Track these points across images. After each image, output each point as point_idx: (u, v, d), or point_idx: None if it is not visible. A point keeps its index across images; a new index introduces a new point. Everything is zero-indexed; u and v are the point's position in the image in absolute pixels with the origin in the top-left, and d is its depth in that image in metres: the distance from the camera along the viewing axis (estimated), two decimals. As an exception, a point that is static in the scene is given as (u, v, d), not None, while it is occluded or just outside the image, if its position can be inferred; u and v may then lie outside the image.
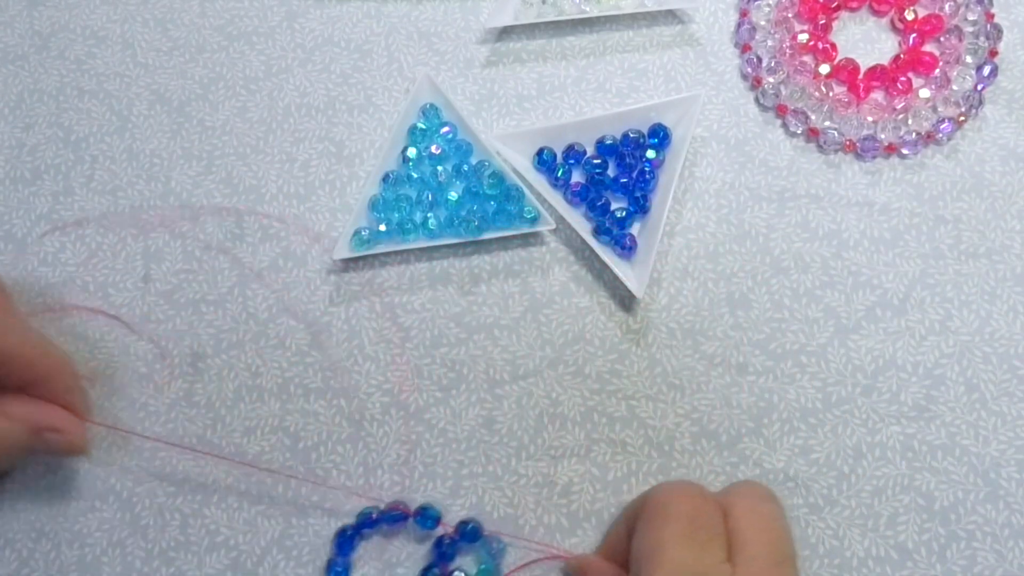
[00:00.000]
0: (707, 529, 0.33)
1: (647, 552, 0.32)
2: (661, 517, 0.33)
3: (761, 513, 0.34)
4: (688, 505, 0.33)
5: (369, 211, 0.44)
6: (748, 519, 0.33)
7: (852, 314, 0.43)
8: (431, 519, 0.39)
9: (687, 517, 0.33)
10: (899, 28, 0.48)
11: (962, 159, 0.45)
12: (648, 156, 0.45)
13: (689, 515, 0.33)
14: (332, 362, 0.43)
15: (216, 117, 0.47)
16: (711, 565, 0.32)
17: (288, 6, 0.49)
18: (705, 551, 0.32)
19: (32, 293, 0.44)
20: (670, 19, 0.49)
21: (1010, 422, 0.41)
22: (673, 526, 0.32)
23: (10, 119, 0.48)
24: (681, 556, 0.32)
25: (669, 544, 0.32)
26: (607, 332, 0.43)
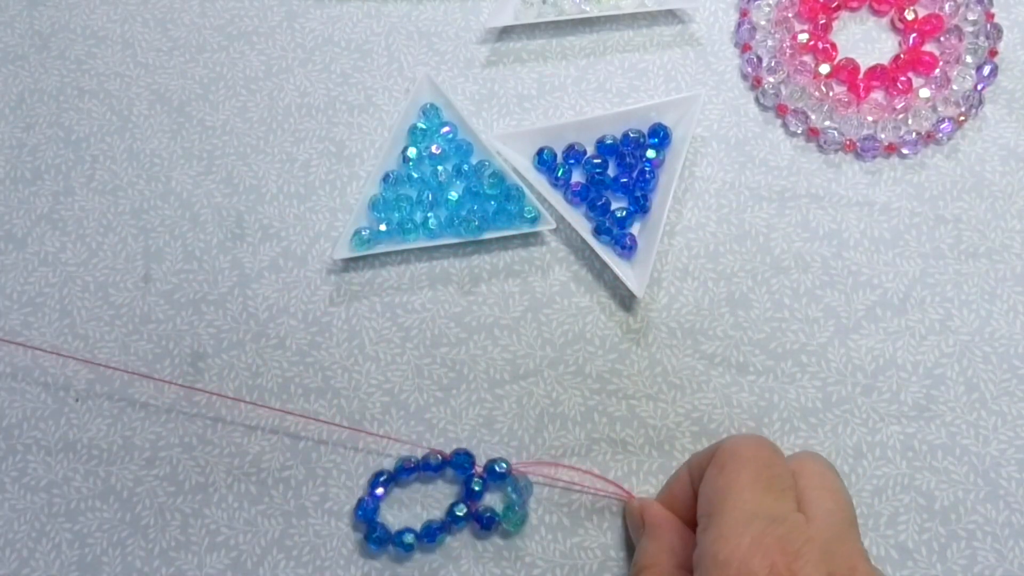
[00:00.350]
0: (781, 479, 0.33)
1: (720, 494, 0.32)
2: (735, 463, 0.33)
3: (831, 480, 0.34)
4: (762, 453, 0.33)
5: (369, 211, 0.44)
6: (818, 481, 0.33)
7: (852, 314, 0.43)
8: (466, 463, 0.40)
9: (762, 464, 0.33)
10: (899, 28, 0.48)
11: (962, 159, 0.45)
12: (648, 156, 0.45)
13: (763, 463, 0.33)
14: (332, 362, 0.43)
15: (216, 117, 0.47)
16: (787, 511, 0.31)
17: (288, 6, 0.49)
18: (780, 498, 0.32)
19: (33, 292, 0.44)
20: (670, 19, 0.49)
21: (1010, 422, 0.41)
22: (748, 472, 0.32)
23: (10, 119, 0.48)
24: (756, 500, 0.31)
25: (744, 488, 0.32)
26: (607, 332, 0.43)
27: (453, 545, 0.40)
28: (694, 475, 0.36)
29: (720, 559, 0.30)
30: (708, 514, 0.32)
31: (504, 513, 0.39)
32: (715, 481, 0.33)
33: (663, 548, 0.36)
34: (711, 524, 0.31)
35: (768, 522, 0.30)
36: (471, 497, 0.40)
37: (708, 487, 0.33)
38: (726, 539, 0.30)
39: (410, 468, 0.40)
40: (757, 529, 0.30)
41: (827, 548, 0.30)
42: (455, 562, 0.40)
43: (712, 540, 0.31)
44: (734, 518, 0.31)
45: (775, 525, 0.30)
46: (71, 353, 0.43)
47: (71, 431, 0.42)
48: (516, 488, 0.40)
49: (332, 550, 0.40)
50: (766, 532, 0.30)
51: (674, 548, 0.36)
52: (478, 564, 0.39)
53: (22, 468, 0.42)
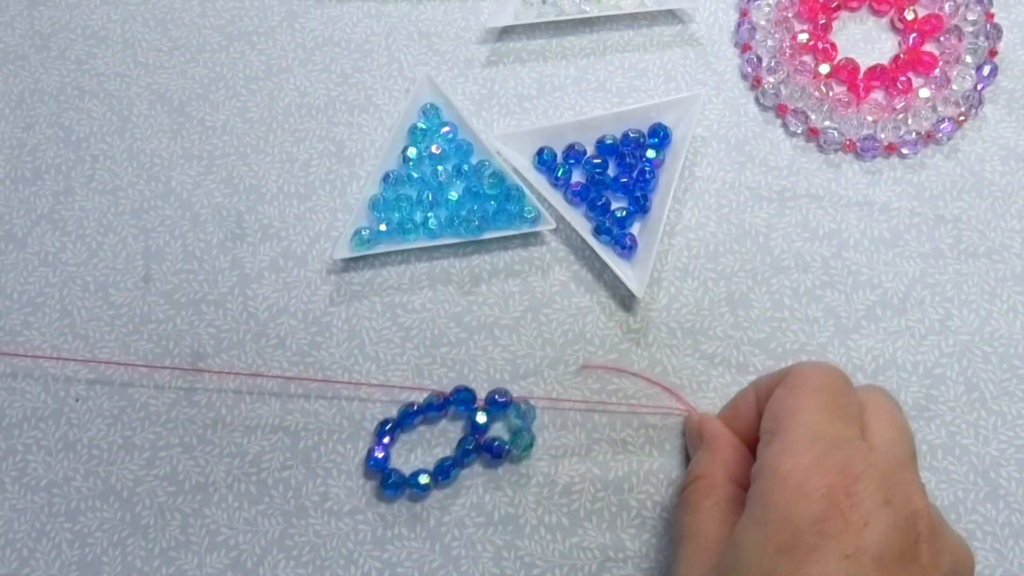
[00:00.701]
0: (849, 408, 0.33)
1: (786, 413, 0.33)
2: (806, 386, 0.33)
3: (896, 413, 0.34)
4: (834, 381, 0.34)
5: (369, 211, 0.44)
6: (884, 415, 0.34)
7: (852, 314, 0.43)
8: (466, 399, 0.41)
9: (833, 390, 0.33)
10: (899, 28, 0.48)
11: (962, 159, 0.45)
12: (648, 156, 0.45)
13: (833, 390, 0.33)
14: (332, 362, 0.43)
15: (216, 117, 0.47)
16: (851, 437, 0.32)
17: (288, 6, 0.49)
18: (846, 425, 0.32)
19: (33, 292, 0.44)
20: (670, 19, 0.49)
21: (1010, 422, 0.41)
22: (818, 396, 0.33)
23: (11, 119, 0.48)
24: (822, 422, 0.32)
25: (812, 410, 0.32)
26: (607, 332, 0.43)
27: (453, 545, 0.40)
28: (761, 396, 0.37)
29: (780, 472, 0.31)
30: (772, 431, 0.33)
31: (512, 439, 0.40)
32: (783, 400, 0.33)
33: (717, 460, 0.37)
34: (775, 439, 0.32)
35: (831, 444, 0.31)
36: (477, 430, 0.40)
37: (775, 405, 0.34)
38: (788, 454, 0.31)
39: (413, 412, 0.41)
40: (820, 449, 0.31)
41: (887, 476, 0.31)
42: (455, 562, 0.40)
43: (775, 454, 0.31)
44: (799, 436, 0.31)
45: (838, 448, 0.31)
46: (101, 359, 0.43)
47: (71, 431, 0.42)
48: (519, 414, 0.41)
49: (332, 550, 0.40)
50: (829, 454, 0.31)
51: (727, 461, 0.37)
52: (477, 564, 0.40)
53: (22, 468, 0.42)
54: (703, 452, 0.38)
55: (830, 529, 0.29)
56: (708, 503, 0.35)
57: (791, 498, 0.30)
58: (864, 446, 0.32)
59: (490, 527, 0.40)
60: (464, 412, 0.41)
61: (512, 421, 0.41)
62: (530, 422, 0.41)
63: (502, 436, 0.41)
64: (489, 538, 0.40)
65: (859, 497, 0.30)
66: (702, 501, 0.36)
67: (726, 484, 0.36)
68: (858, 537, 0.29)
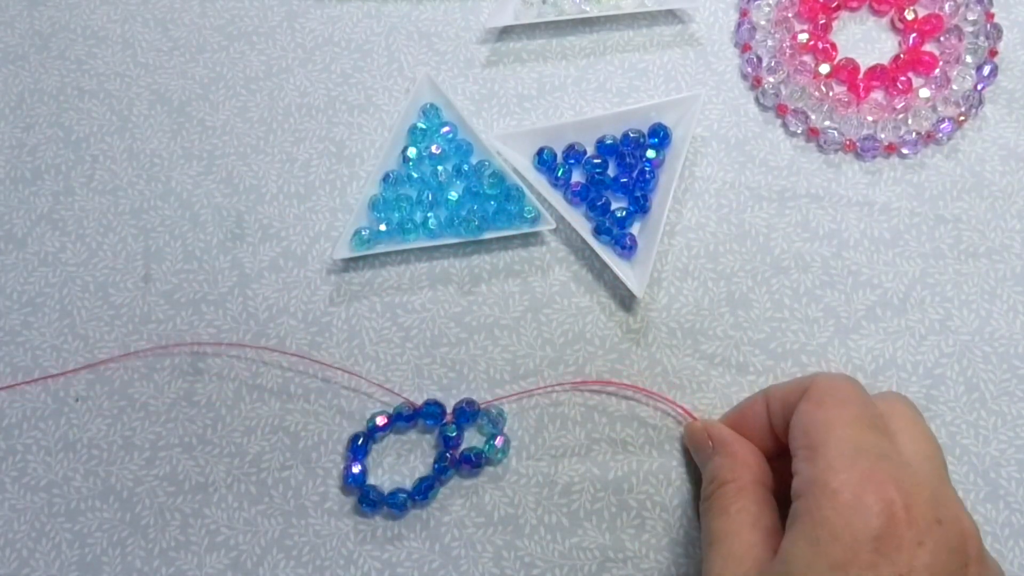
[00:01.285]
0: (879, 418, 0.33)
1: (822, 427, 0.32)
2: (833, 399, 0.33)
3: (921, 424, 0.34)
4: (856, 392, 0.33)
5: (369, 211, 0.44)
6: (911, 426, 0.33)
7: (852, 314, 0.43)
8: (435, 413, 0.41)
9: (858, 402, 0.33)
10: (899, 28, 0.48)
11: (962, 159, 0.45)
12: (648, 156, 0.45)
13: (860, 401, 0.33)
14: (332, 362, 0.43)
15: (216, 117, 0.47)
16: (893, 450, 0.31)
17: (288, 6, 0.49)
18: (882, 437, 0.32)
19: (33, 292, 0.44)
20: (670, 19, 0.49)
21: (1010, 422, 0.41)
22: (849, 409, 0.32)
23: (10, 119, 0.48)
24: (861, 435, 0.31)
25: (847, 423, 0.32)
26: (607, 332, 0.43)
27: (452, 545, 0.40)
28: (773, 406, 0.36)
29: (831, 487, 0.30)
30: (809, 446, 0.32)
31: (486, 447, 0.40)
32: (814, 415, 0.33)
33: (738, 463, 0.37)
34: (816, 455, 0.31)
35: (877, 457, 0.31)
36: (449, 444, 0.40)
37: (806, 420, 0.33)
38: (835, 469, 0.30)
39: (382, 427, 0.41)
40: (867, 463, 0.30)
41: (935, 493, 0.30)
42: (454, 563, 0.40)
43: (821, 469, 0.31)
44: (841, 451, 0.31)
45: (885, 461, 0.30)
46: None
47: (71, 431, 0.42)
48: (490, 419, 0.41)
49: (332, 550, 0.40)
50: (877, 467, 0.30)
51: (749, 464, 0.36)
52: (477, 564, 0.40)
53: (22, 468, 0.42)
54: (721, 457, 0.37)
55: (886, 547, 0.29)
56: (737, 506, 0.35)
57: (846, 514, 0.29)
58: (906, 460, 0.31)
59: (490, 527, 0.40)
60: (433, 426, 0.41)
61: (483, 429, 0.41)
62: (502, 426, 0.41)
63: (477, 443, 0.41)
64: (489, 538, 0.40)
65: (914, 513, 0.29)
66: (731, 505, 0.35)
67: (753, 487, 0.36)
68: (912, 556, 0.29)
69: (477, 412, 0.41)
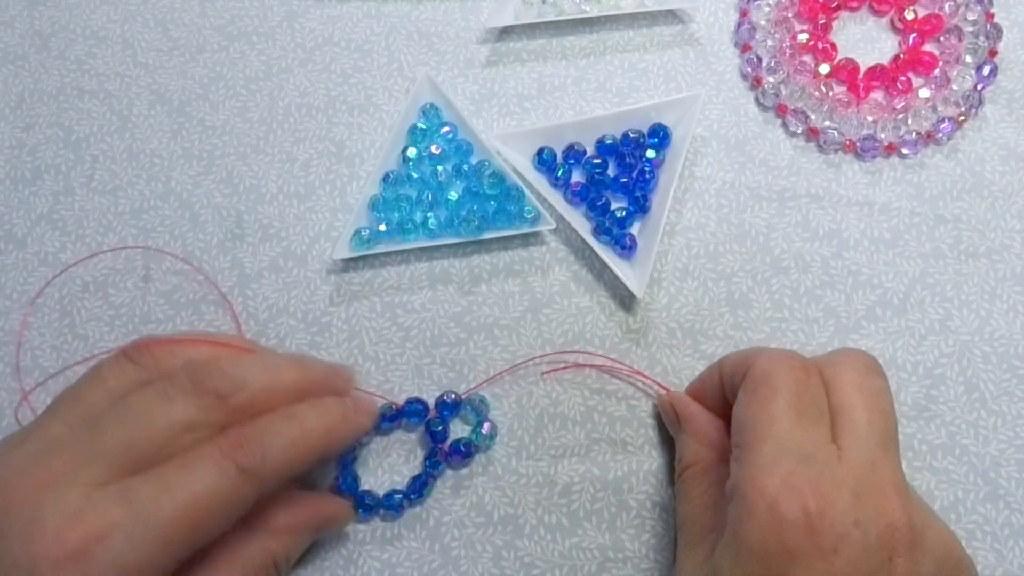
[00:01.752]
0: (814, 405, 0.32)
1: (751, 424, 0.32)
2: (766, 389, 0.32)
3: (868, 388, 0.33)
4: (793, 377, 0.33)
5: (369, 211, 0.44)
6: (854, 395, 0.32)
7: (852, 314, 0.43)
8: (418, 411, 0.41)
9: (793, 391, 0.32)
10: (899, 28, 0.48)
11: (962, 159, 0.45)
12: (648, 156, 0.45)
13: (795, 389, 0.32)
14: (332, 361, 0.43)
15: (216, 117, 0.47)
16: (818, 445, 0.31)
17: (288, 6, 0.49)
18: (812, 429, 0.31)
19: (32, 293, 0.44)
20: (670, 19, 0.49)
21: (1010, 422, 0.41)
22: (779, 401, 0.32)
23: (10, 119, 0.48)
24: (788, 433, 0.31)
25: (776, 419, 0.31)
26: (607, 332, 0.43)
27: (452, 545, 0.40)
28: (725, 379, 0.36)
29: (749, 498, 0.30)
30: (739, 444, 0.32)
31: (473, 435, 0.41)
32: (747, 409, 0.33)
33: (702, 442, 0.37)
34: (743, 457, 0.31)
35: (798, 460, 0.30)
36: (437, 439, 0.40)
37: (740, 413, 0.33)
38: (754, 478, 0.30)
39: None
40: (786, 468, 0.30)
41: (857, 491, 0.30)
42: (454, 563, 0.40)
43: (743, 476, 0.31)
44: (764, 454, 0.31)
45: (805, 464, 0.30)
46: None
47: (71, 431, 0.42)
48: (474, 408, 0.41)
49: (332, 550, 0.40)
50: (796, 472, 0.30)
51: (712, 442, 0.37)
52: (477, 564, 0.40)
53: (22, 468, 0.42)
54: (686, 437, 0.38)
55: (800, 558, 0.29)
56: (699, 490, 0.36)
57: (761, 527, 0.30)
58: (832, 454, 0.31)
59: (490, 527, 0.40)
60: (418, 423, 0.41)
61: (468, 418, 0.41)
62: (485, 413, 0.41)
63: (464, 434, 0.41)
64: (489, 538, 0.40)
65: (829, 520, 0.29)
66: (693, 489, 0.36)
67: (716, 467, 0.36)
68: (828, 565, 0.29)
69: (459, 403, 0.41)
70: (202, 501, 0.30)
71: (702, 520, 0.35)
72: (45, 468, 0.30)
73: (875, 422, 0.32)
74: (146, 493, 0.30)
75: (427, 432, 0.41)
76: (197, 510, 0.30)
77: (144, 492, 0.30)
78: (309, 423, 0.33)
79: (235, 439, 0.31)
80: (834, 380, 0.33)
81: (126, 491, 0.30)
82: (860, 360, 0.34)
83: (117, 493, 0.30)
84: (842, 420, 0.32)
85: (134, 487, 0.30)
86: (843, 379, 0.33)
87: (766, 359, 0.34)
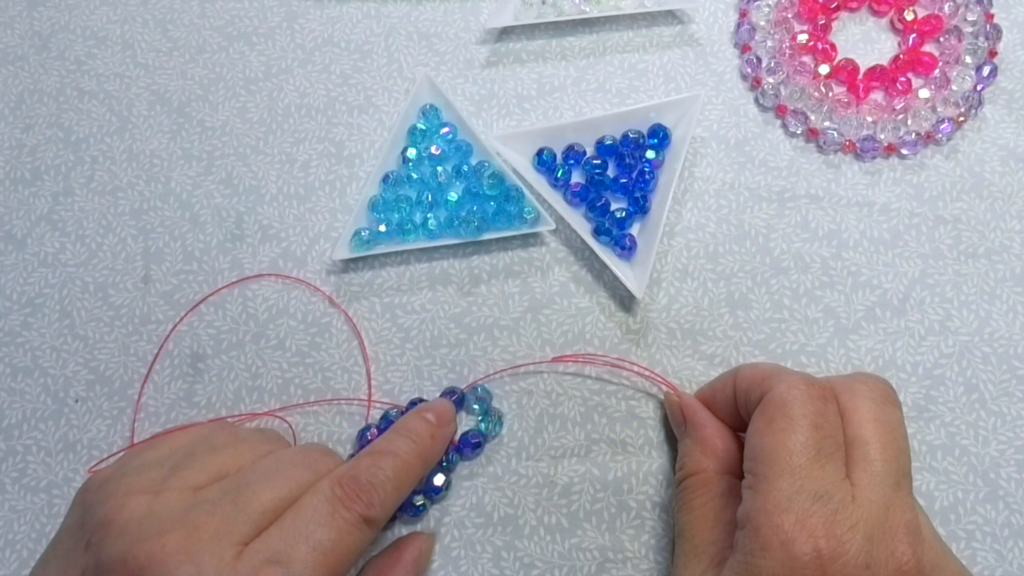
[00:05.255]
0: (831, 439, 0.32)
1: (768, 456, 0.32)
2: (785, 420, 0.32)
3: (885, 423, 0.33)
4: (812, 409, 0.32)
5: (369, 211, 0.44)
6: (870, 430, 0.32)
7: (852, 314, 0.43)
8: None
9: (812, 424, 0.32)
10: (899, 28, 0.48)
11: (962, 159, 0.45)
12: (648, 156, 0.45)
13: (814, 422, 0.32)
14: (332, 363, 0.43)
15: (216, 117, 0.47)
16: (833, 482, 0.31)
17: (288, 6, 0.49)
18: (828, 465, 0.31)
19: (32, 293, 0.44)
20: (670, 19, 0.49)
21: (1010, 422, 0.41)
22: (798, 435, 0.32)
23: (10, 119, 0.48)
24: (806, 469, 0.31)
25: (794, 453, 0.31)
26: (607, 332, 0.43)
27: (452, 546, 0.40)
28: (739, 394, 0.36)
29: (763, 533, 0.30)
30: (754, 473, 0.32)
31: (481, 426, 0.41)
32: (763, 438, 0.32)
33: (707, 452, 0.37)
34: (758, 490, 0.31)
35: (813, 499, 0.30)
36: None
37: (756, 441, 0.33)
38: (770, 513, 0.30)
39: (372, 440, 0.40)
40: (802, 506, 0.30)
41: (869, 534, 0.30)
42: (454, 563, 0.40)
43: (758, 509, 0.31)
44: (780, 490, 0.31)
45: (821, 504, 0.30)
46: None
47: (71, 431, 0.42)
48: (477, 400, 0.41)
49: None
50: (811, 511, 0.30)
51: (717, 452, 0.37)
52: (476, 565, 0.40)
53: (22, 468, 0.42)
54: (691, 443, 0.38)
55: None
56: (700, 501, 0.36)
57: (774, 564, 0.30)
58: (848, 492, 0.31)
59: (489, 527, 0.40)
60: None
61: (472, 409, 0.42)
62: (489, 402, 0.41)
63: (472, 426, 0.41)
64: (488, 539, 0.40)
65: (841, 563, 0.29)
66: (694, 499, 0.36)
67: (718, 479, 0.36)
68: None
69: (462, 397, 0.41)
70: (339, 553, 0.31)
71: (702, 532, 0.35)
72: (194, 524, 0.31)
73: (890, 460, 0.32)
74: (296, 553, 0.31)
75: None
76: (338, 563, 0.32)
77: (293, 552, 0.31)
78: (405, 454, 0.35)
79: (350, 489, 0.33)
80: (851, 411, 0.33)
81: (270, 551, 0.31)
82: (878, 389, 0.34)
83: (264, 551, 0.31)
84: (857, 455, 0.32)
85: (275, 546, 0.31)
86: (860, 411, 0.33)
87: (785, 387, 0.33)
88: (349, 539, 0.32)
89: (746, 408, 0.36)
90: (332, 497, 0.32)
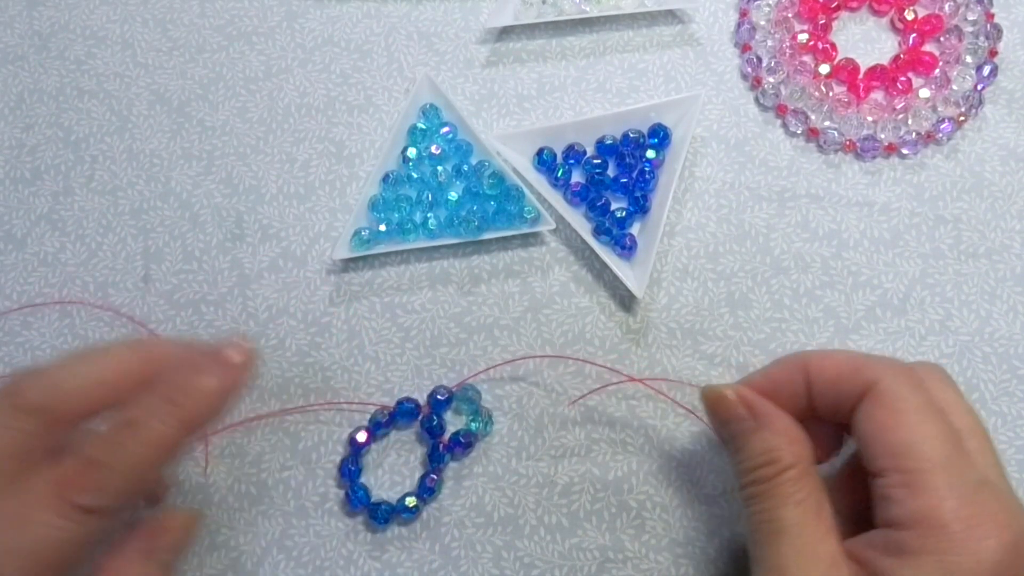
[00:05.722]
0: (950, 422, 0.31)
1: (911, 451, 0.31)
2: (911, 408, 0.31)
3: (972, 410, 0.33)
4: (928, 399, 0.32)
5: (369, 211, 0.44)
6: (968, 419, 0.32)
7: (852, 314, 0.43)
8: (410, 410, 0.41)
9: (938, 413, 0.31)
10: (899, 28, 0.48)
11: (962, 159, 0.45)
12: (648, 156, 0.45)
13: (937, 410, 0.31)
14: (332, 362, 0.43)
15: (216, 117, 0.47)
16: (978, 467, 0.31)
17: (288, 6, 0.49)
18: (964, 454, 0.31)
19: (32, 293, 0.44)
20: (670, 19, 0.49)
21: (1010, 422, 0.41)
22: (932, 425, 0.31)
23: (10, 119, 0.48)
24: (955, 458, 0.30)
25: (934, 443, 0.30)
26: (607, 332, 0.43)
27: (452, 546, 0.40)
28: (819, 387, 0.34)
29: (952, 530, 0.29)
30: (902, 469, 0.31)
31: (472, 425, 0.41)
32: (895, 433, 0.31)
33: (794, 443, 0.33)
34: (917, 484, 0.30)
35: (976, 486, 0.30)
36: (435, 434, 0.41)
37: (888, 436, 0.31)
38: (950, 509, 0.29)
39: (363, 444, 0.41)
40: (974, 497, 0.30)
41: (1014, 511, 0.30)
42: (454, 563, 0.40)
43: (933, 508, 0.30)
44: (944, 483, 0.30)
45: (984, 490, 0.30)
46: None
47: (71, 431, 0.42)
48: (466, 399, 0.41)
49: (332, 550, 0.40)
50: (978, 499, 0.30)
51: (804, 441, 0.34)
52: (477, 565, 0.40)
53: (22, 468, 0.42)
54: (771, 435, 0.34)
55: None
56: (801, 495, 0.33)
57: (968, 557, 0.29)
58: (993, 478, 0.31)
59: (490, 527, 0.40)
60: (412, 423, 0.41)
61: (462, 408, 0.41)
62: (479, 401, 0.41)
63: (462, 424, 0.41)
64: (489, 539, 0.40)
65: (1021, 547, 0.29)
66: (796, 492, 0.33)
67: (812, 474, 0.33)
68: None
69: (451, 396, 0.41)
70: (45, 554, 0.27)
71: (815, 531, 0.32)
72: None
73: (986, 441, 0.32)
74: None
75: (423, 429, 0.41)
76: (41, 565, 0.27)
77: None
78: (155, 425, 0.29)
79: (71, 473, 0.28)
80: (948, 403, 0.33)
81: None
82: (948, 376, 0.34)
83: None
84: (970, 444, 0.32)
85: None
86: (952, 401, 0.33)
87: (894, 376, 0.32)
88: (61, 535, 0.27)
89: (836, 400, 0.34)
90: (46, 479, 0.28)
